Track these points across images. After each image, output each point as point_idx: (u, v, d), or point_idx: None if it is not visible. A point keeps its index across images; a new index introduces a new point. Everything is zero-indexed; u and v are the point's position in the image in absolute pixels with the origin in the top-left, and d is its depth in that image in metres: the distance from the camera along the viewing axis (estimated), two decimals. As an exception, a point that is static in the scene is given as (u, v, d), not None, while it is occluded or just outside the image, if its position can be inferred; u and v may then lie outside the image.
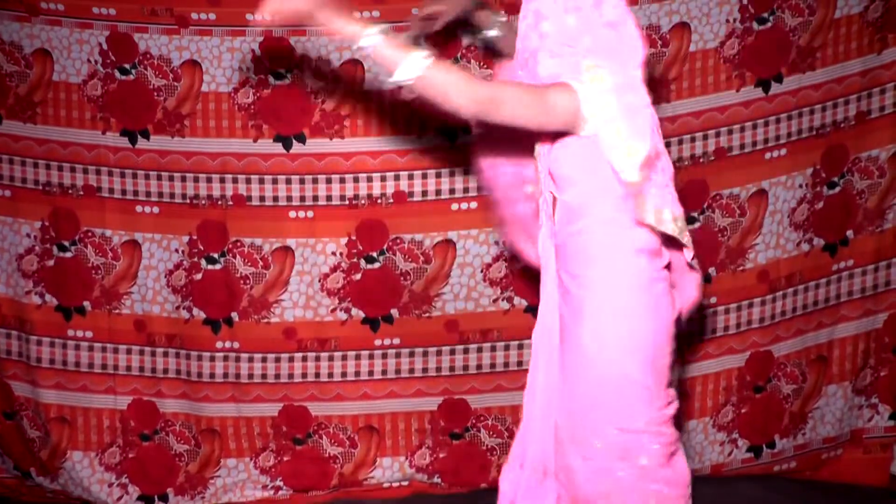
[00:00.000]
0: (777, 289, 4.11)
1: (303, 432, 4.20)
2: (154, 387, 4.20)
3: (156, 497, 4.25)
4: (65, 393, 4.24)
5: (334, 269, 4.08)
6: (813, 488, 4.20)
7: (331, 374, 4.15)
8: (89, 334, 4.20)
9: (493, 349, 4.14)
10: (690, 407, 4.16)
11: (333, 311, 4.11)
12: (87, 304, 4.18)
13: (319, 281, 4.09)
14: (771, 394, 4.18)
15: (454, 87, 2.38)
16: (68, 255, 4.15)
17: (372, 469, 4.23)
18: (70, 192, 4.10)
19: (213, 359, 4.18)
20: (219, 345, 4.17)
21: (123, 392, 4.21)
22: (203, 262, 4.11)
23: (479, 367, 4.15)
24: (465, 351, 4.14)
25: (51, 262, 4.17)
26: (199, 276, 4.12)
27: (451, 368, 4.16)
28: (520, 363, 4.10)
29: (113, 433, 4.25)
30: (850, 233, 4.13)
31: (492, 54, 3.08)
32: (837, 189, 4.08)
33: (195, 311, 4.15)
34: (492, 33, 3.03)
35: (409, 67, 2.35)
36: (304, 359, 4.13)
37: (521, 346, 4.09)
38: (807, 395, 4.21)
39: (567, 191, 2.65)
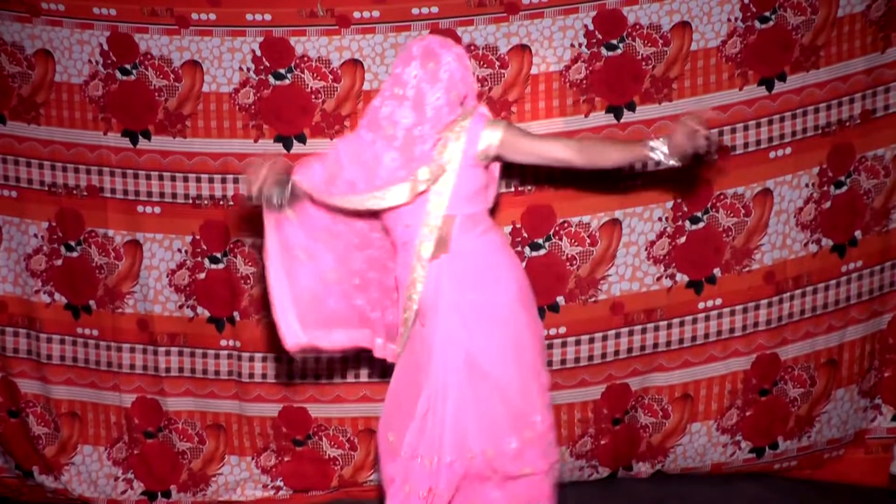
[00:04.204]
0: (784, 290, 4.05)
1: (303, 433, 4.21)
2: (157, 385, 4.23)
3: (159, 493, 4.29)
4: (75, 389, 4.30)
5: (333, 270, 4.07)
6: (813, 488, 4.16)
7: (330, 376, 4.15)
8: (95, 332, 4.25)
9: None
10: (694, 410, 4.13)
11: (330, 312, 4.11)
12: (92, 302, 4.22)
13: (319, 281, 4.08)
14: (777, 397, 4.12)
15: None
16: (74, 254, 4.18)
17: (372, 472, 4.23)
18: (74, 192, 4.14)
19: (217, 356, 4.21)
20: (223, 343, 4.19)
21: (127, 390, 4.25)
22: (206, 261, 4.13)
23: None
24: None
25: (59, 262, 4.22)
26: (202, 276, 4.14)
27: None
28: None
29: (119, 429, 4.31)
30: (858, 233, 4.06)
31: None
32: (844, 189, 4.02)
33: (199, 309, 4.18)
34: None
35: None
36: (305, 360, 4.13)
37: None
38: (815, 399, 4.15)
39: (471, 206, 3.04)
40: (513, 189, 3.96)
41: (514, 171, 3.87)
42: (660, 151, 2.87)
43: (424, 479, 2.96)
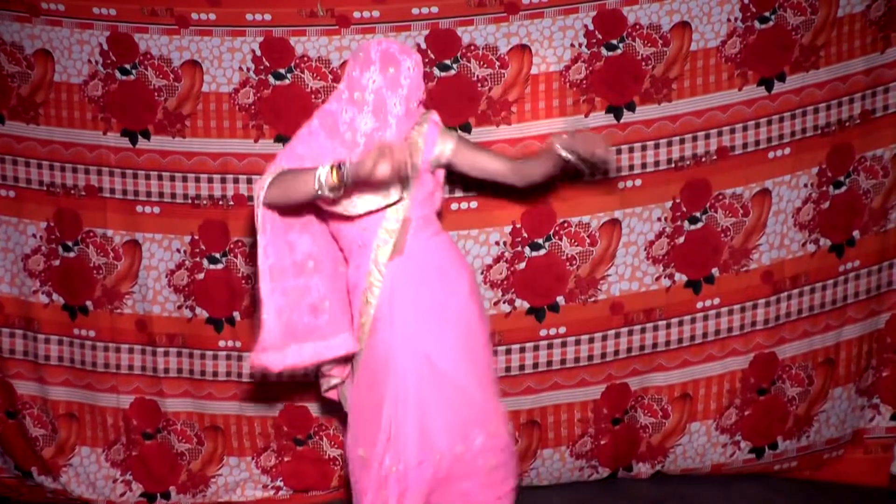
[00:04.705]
0: (782, 290, 4.07)
1: (303, 433, 4.21)
2: (155, 386, 4.21)
3: (158, 495, 4.27)
4: (73, 390, 4.28)
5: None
6: (813, 488, 4.16)
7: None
8: (92, 333, 4.23)
9: (495, 353, 4.08)
10: (693, 409, 4.13)
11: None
12: (89, 303, 4.20)
13: (318, 281, 4.08)
14: (775, 396, 4.14)
15: None
16: (72, 255, 4.17)
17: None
18: (73, 192, 4.12)
19: (216, 357, 4.19)
20: (221, 343, 4.18)
21: (126, 391, 4.23)
22: (205, 261, 4.11)
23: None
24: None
25: (57, 262, 4.20)
26: (201, 276, 4.13)
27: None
28: (521, 367, 4.08)
29: (117, 431, 4.29)
30: (856, 233, 4.08)
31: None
32: (843, 189, 4.03)
33: (198, 310, 4.16)
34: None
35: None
36: (305, 358, 4.12)
37: (522, 350, 4.07)
38: (813, 399, 4.16)
39: (424, 209, 3.11)
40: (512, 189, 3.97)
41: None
42: (561, 146, 2.99)
43: (395, 486, 2.97)
